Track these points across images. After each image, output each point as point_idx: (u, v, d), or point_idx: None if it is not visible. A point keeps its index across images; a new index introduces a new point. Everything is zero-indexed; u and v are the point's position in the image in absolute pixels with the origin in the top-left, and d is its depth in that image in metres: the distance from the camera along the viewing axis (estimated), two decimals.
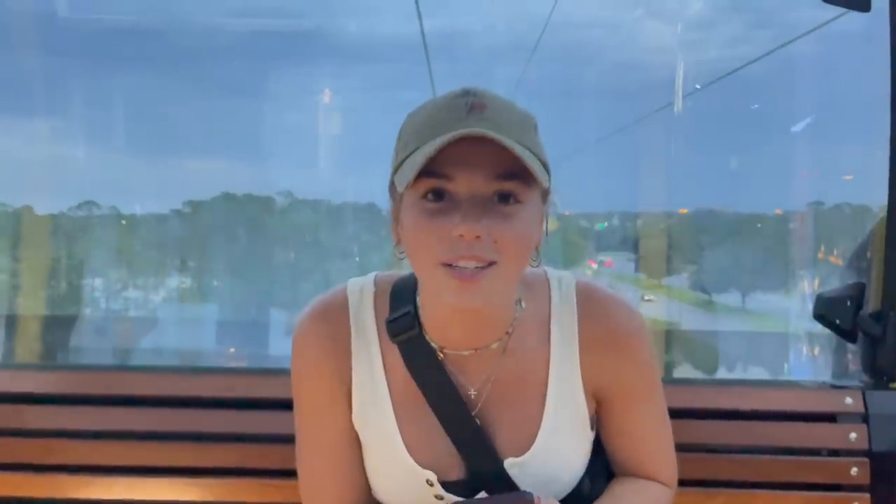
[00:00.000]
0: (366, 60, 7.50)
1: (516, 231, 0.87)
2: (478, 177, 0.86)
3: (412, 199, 0.89)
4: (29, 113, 4.77)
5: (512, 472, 0.99)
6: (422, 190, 0.88)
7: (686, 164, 7.62)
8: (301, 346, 1.02)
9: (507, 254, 0.87)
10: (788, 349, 4.10)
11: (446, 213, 0.87)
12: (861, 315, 1.42)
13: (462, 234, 0.85)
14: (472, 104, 0.87)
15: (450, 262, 0.86)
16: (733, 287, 8.65)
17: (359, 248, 6.99)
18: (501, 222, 0.87)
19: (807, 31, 4.74)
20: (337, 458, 1.03)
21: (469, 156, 0.86)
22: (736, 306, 8.59)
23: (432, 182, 0.87)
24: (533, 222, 0.91)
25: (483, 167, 0.86)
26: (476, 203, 0.86)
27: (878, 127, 1.45)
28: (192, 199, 6.47)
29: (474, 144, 0.85)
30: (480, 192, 0.87)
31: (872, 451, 1.32)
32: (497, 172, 0.86)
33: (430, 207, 0.87)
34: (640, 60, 8.12)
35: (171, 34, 5.93)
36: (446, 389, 0.98)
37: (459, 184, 0.86)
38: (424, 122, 0.89)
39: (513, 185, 0.87)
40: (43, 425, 1.34)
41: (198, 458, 1.32)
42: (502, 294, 0.92)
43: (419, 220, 0.88)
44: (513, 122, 0.88)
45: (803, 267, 5.45)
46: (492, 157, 0.86)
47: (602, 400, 1.03)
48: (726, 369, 4.74)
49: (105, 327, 4.33)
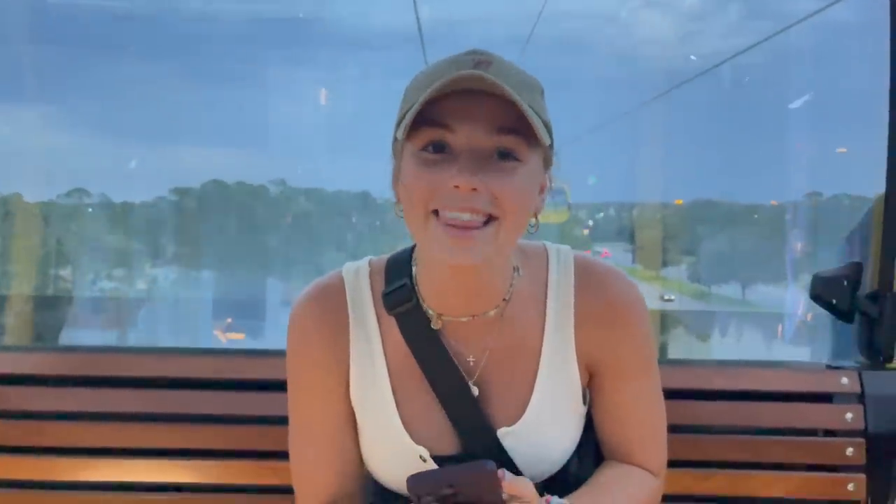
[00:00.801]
0: (361, 49, 7.46)
1: (514, 188, 0.87)
2: (479, 129, 0.86)
3: (412, 150, 0.88)
4: (18, 100, 4.73)
5: (505, 443, 0.99)
6: (422, 141, 0.87)
7: (682, 154, 7.62)
8: (297, 327, 1.02)
9: (506, 209, 0.86)
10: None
11: (444, 164, 0.86)
12: (858, 295, 1.42)
13: (458, 185, 0.84)
14: (478, 60, 0.87)
15: (443, 209, 0.86)
16: (733, 278, 8.63)
17: (353, 237, 6.97)
18: (500, 178, 0.86)
19: (799, 19, 4.74)
20: (330, 439, 1.03)
21: (471, 108, 0.85)
22: (735, 298, 8.56)
23: (432, 132, 0.86)
24: (532, 183, 0.90)
25: (484, 120, 0.85)
26: (475, 157, 0.86)
27: (876, 115, 1.45)
28: (179, 187, 6.44)
29: (477, 99, 0.84)
30: (480, 146, 0.86)
31: (868, 432, 1.32)
32: (498, 125, 0.86)
33: (429, 158, 0.87)
34: (637, 51, 8.11)
35: (163, 20, 5.89)
36: (443, 360, 0.99)
37: (459, 136, 0.86)
38: (429, 76, 0.88)
39: (514, 140, 0.86)
40: (29, 406, 1.34)
41: (188, 439, 1.32)
42: (497, 254, 0.91)
43: (417, 171, 0.87)
44: (519, 82, 0.87)
45: (806, 258, 5.45)
46: (494, 111, 0.85)
47: (595, 373, 1.03)
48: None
49: (83, 312, 4.29)
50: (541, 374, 1.00)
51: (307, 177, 7.26)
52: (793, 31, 4.94)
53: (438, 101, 0.85)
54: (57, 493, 1.32)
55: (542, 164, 0.93)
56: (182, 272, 6.35)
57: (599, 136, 8.67)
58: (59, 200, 5.72)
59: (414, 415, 1.00)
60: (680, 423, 1.27)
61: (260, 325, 4.90)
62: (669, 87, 6.45)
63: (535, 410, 0.99)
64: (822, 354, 1.73)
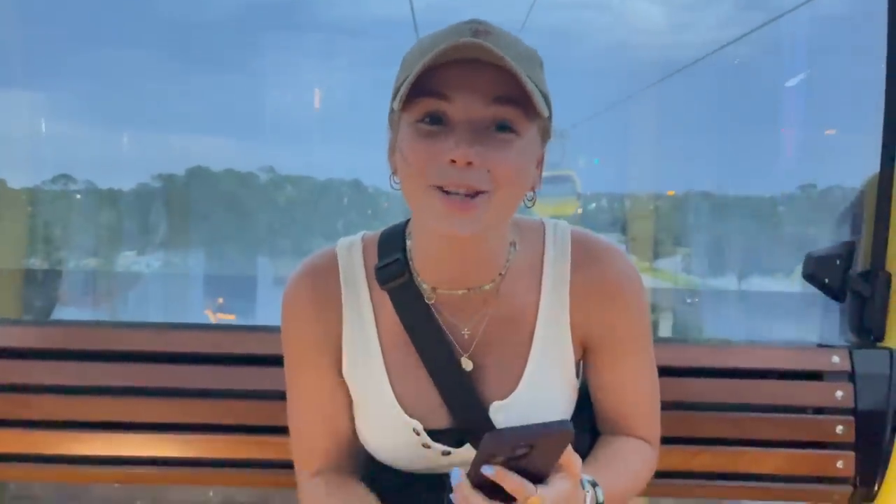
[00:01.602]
0: (353, 36, 7.44)
1: (510, 161, 0.86)
2: (476, 100, 0.85)
3: (409, 121, 0.88)
4: (3, 84, 4.69)
5: (497, 418, 0.99)
6: (419, 112, 0.87)
7: (675, 145, 7.63)
8: (290, 303, 1.03)
9: (500, 183, 0.86)
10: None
11: (441, 136, 0.86)
12: (850, 274, 1.43)
13: (455, 158, 0.84)
14: (477, 29, 0.86)
15: (440, 185, 0.86)
16: (729, 270, 8.60)
17: (343, 226, 6.94)
18: (496, 150, 0.86)
19: (790, 9, 4.74)
20: (325, 414, 1.04)
21: (469, 77, 0.85)
22: (731, 289, 8.53)
23: (430, 103, 0.86)
24: (529, 157, 0.90)
25: (483, 90, 0.85)
26: (472, 129, 0.85)
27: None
28: (163, 174, 6.39)
29: (475, 69, 0.84)
30: (478, 118, 0.86)
31: (858, 410, 1.34)
32: (496, 95, 0.85)
33: (426, 130, 0.87)
34: (630, 41, 8.11)
35: (154, 4, 5.84)
36: (436, 335, 0.99)
37: (457, 106, 0.86)
38: (427, 45, 0.87)
39: (511, 111, 0.86)
40: (22, 380, 1.33)
41: (182, 413, 1.32)
42: (493, 226, 0.91)
43: (413, 143, 0.87)
44: (519, 53, 0.87)
45: (802, 250, 5.45)
46: (492, 81, 0.85)
47: (590, 348, 1.04)
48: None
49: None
50: (534, 348, 1.00)
51: (297, 164, 7.23)
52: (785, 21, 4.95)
53: (436, 71, 0.84)
54: (45, 467, 1.32)
55: (540, 137, 0.92)
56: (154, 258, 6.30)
57: (591, 126, 8.67)
58: (44, 186, 5.67)
59: (406, 389, 1.00)
60: (670, 400, 1.28)
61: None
62: (660, 77, 6.45)
63: (527, 384, 1.00)
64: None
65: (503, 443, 0.80)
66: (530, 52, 0.90)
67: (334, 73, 6.64)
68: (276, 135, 7.12)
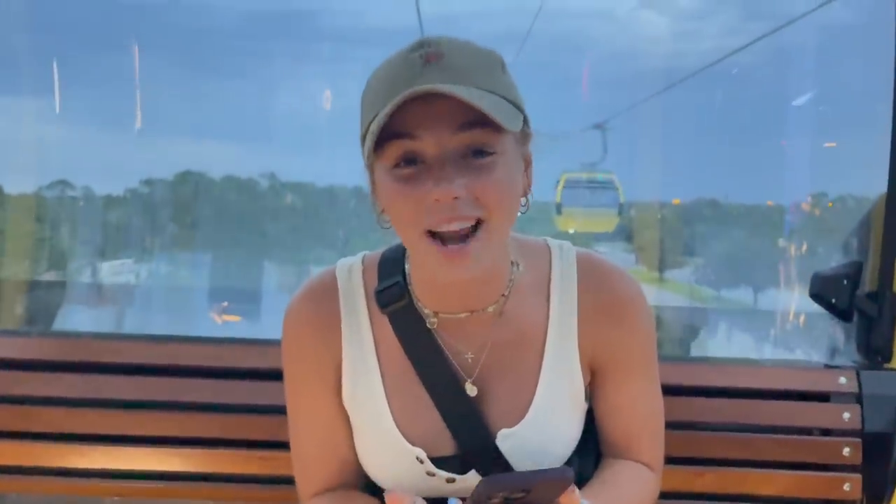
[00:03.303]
0: (359, 44, 7.47)
1: (496, 183, 0.85)
2: (443, 131, 0.84)
3: (384, 168, 0.87)
4: (10, 91, 4.71)
5: (505, 446, 0.98)
6: (391, 157, 0.86)
7: (682, 154, 7.59)
8: (291, 326, 1.02)
9: (491, 208, 0.86)
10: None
11: (419, 178, 0.85)
12: (857, 294, 1.42)
13: (438, 198, 0.83)
14: (427, 56, 0.84)
15: (433, 228, 0.85)
16: (743, 282, 8.33)
17: (345, 233, 6.92)
18: (478, 177, 0.84)
19: (793, 19, 4.74)
20: (327, 437, 1.03)
21: (431, 111, 0.83)
22: (747, 303, 8.23)
23: (399, 145, 0.85)
24: (513, 170, 0.88)
25: (447, 119, 0.83)
26: (448, 162, 0.84)
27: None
28: (153, 178, 6.38)
29: (435, 99, 0.82)
30: (450, 149, 0.84)
31: (865, 432, 1.33)
32: (462, 122, 0.84)
33: (403, 174, 0.85)
34: (634, 50, 8.11)
35: (163, 11, 5.87)
36: (438, 360, 0.98)
37: (426, 142, 0.84)
38: (381, 84, 0.86)
39: (482, 133, 0.84)
40: (22, 392, 1.34)
41: (181, 427, 1.33)
42: (494, 254, 0.91)
43: (394, 191, 0.86)
44: (474, 67, 0.85)
45: (821, 260, 5.37)
46: (454, 109, 0.83)
47: (598, 370, 1.04)
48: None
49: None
50: (544, 372, 0.99)
51: (299, 171, 7.24)
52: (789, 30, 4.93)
53: (397, 112, 0.82)
54: (46, 479, 1.32)
55: (521, 142, 0.91)
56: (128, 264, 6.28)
57: (597, 134, 8.63)
58: (41, 192, 5.67)
59: (408, 415, 0.99)
60: (676, 419, 1.28)
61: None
62: (664, 85, 6.43)
63: (537, 410, 0.99)
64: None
65: (499, 489, 0.79)
66: (487, 60, 0.87)
67: (338, 80, 6.66)
68: (280, 141, 7.13)
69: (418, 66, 0.84)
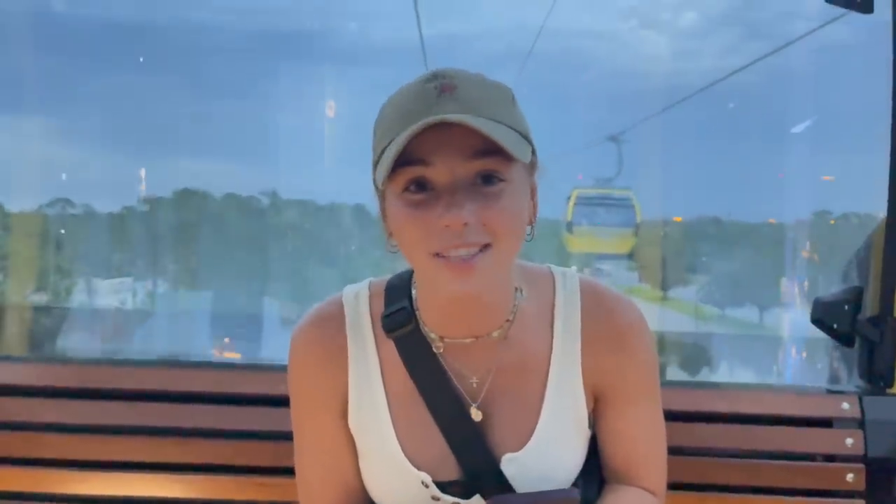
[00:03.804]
0: (363, 64, 7.54)
1: (504, 210, 0.88)
2: (455, 158, 0.87)
3: (394, 193, 0.90)
4: (18, 110, 4.76)
5: (509, 470, 1.00)
6: (402, 183, 0.88)
7: (683, 172, 7.59)
8: (297, 353, 1.04)
9: (499, 234, 0.88)
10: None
11: (430, 203, 0.88)
12: (859, 319, 1.42)
13: (448, 224, 0.86)
14: (441, 87, 0.87)
15: (441, 252, 0.87)
16: (748, 300, 8.15)
17: (345, 252, 6.91)
18: (487, 204, 0.87)
19: (792, 40, 4.77)
20: (332, 463, 1.04)
21: (444, 139, 0.86)
22: (752, 322, 8.09)
23: (411, 171, 0.87)
24: (520, 198, 0.91)
25: (459, 147, 0.87)
26: (458, 189, 0.87)
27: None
28: (152, 197, 6.39)
29: (448, 128, 0.85)
30: (461, 176, 0.87)
31: (868, 457, 1.33)
32: (474, 150, 0.87)
33: (413, 199, 0.88)
34: (634, 68, 8.16)
35: (167, 31, 5.93)
36: (443, 384, 1.00)
37: (438, 169, 0.87)
38: (396, 113, 0.89)
39: (492, 162, 0.87)
40: (27, 418, 1.35)
41: (185, 454, 1.33)
42: (499, 277, 0.94)
43: (404, 215, 0.89)
44: (486, 100, 0.88)
45: (826, 277, 5.30)
46: (467, 137, 0.86)
47: (600, 397, 1.05)
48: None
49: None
50: (547, 398, 1.01)
51: (302, 189, 7.25)
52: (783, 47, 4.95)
53: (410, 140, 0.85)
54: None
55: (528, 171, 0.94)
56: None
57: (595, 152, 8.64)
58: (41, 210, 5.68)
59: (413, 440, 1.01)
60: (679, 444, 1.28)
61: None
62: (664, 103, 6.43)
63: (541, 435, 1.00)
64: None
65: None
66: (499, 94, 0.91)
67: (343, 99, 6.70)
68: (284, 159, 7.15)
69: (433, 96, 0.87)
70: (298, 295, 6.09)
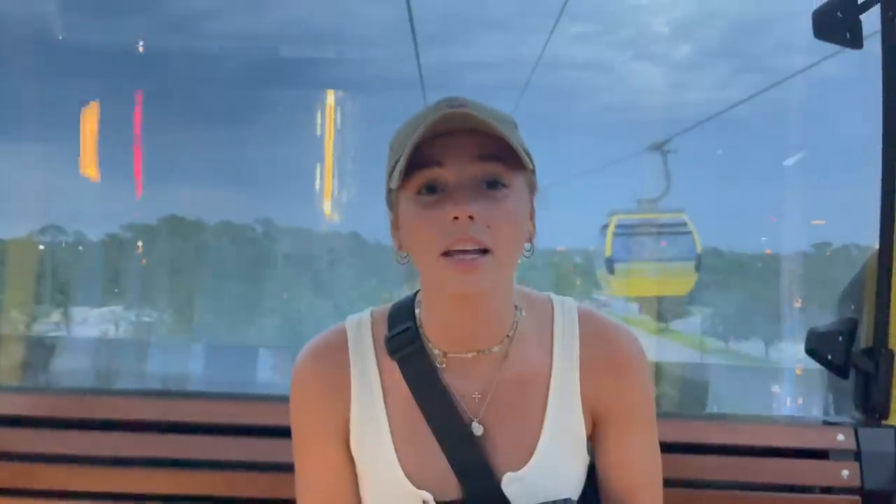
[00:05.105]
0: (361, 93, 7.62)
1: (506, 213, 0.95)
2: (465, 159, 0.95)
3: (408, 197, 0.97)
4: (16, 138, 4.80)
5: (510, 490, 1.02)
6: (415, 186, 0.96)
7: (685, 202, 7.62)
8: (299, 383, 1.08)
9: (499, 238, 0.94)
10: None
11: (440, 202, 0.95)
12: (853, 351, 1.44)
13: (456, 215, 0.93)
14: (453, 105, 0.96)
15: (449, 248, 0.93)
16: (754, 334, 7.82)
17: (340, 281, 6.89)
18: (491, 206, 0.94)
19: (790, 75, 4.84)
20: (332, 492, 1.07)
21: (455, 143, 0.95)
22: (758, 356, 7.79)
23: (425, 173, 0.95)
24: (521, 209, 0.98)
25: (469, 151, 0.95)
26: (465, 187, 0.95)
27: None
28: (135, 224, 6.39)
29: (461, 135, 0.95)
30: (468, 176, 0.95)
31: (864, 489, 1.35)
32: (483, 153, 0.95)
33: (425, 201, 0.96)
34: (629, 101, 8.25)
35: (165, 60, 6.00)
36: (444, 399, 1.03)
37: (449, 170, 0.95)
38: (409, 128, 0.97)
39: (497, 166, 0.96)
40: (23, 449, 1.37)
41: (181, 485, 1.35)
42: (499, 283, 0.98)
43: (416, 215, 0.96)
44: (493, 117, 0.96)
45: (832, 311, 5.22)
46: (477, 142, 0.95)
47: (599, 421, 1.08)
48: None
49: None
50: (548, 416, 1.04)
51: (296, 217, 7.28)
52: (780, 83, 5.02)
53: (425, 146, 0.94)
54: None
55: (528, 189, 1.01)
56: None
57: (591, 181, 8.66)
58: (32, 237, 5.69)
59: (414, 460, 1.04)
60: (675, 476, 1.30)
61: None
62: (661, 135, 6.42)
63: (542, 454, 1.03)
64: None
65: None
66: (506, 117, 1.00)
67: (340, 126, 6.76)
68: (279, 188, 7.19)
69: (444, 109, 0.95)
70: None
